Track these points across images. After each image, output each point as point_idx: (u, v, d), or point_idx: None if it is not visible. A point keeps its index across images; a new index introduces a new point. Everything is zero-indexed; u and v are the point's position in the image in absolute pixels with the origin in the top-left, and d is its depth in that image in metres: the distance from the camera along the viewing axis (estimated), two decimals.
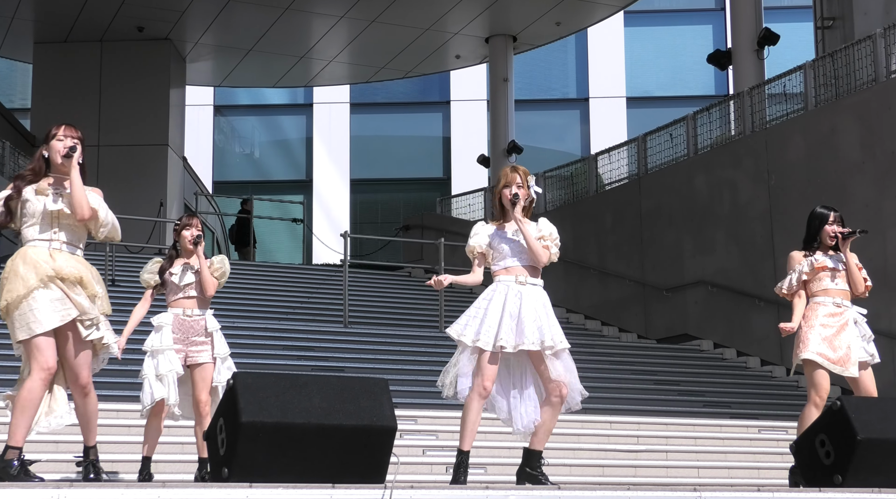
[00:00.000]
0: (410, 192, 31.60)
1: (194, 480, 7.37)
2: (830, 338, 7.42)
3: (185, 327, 7.44)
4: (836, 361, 7.38)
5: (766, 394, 14.10)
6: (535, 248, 6.42)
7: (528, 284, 6.43)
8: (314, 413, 5.53)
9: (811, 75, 15.48)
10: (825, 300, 7.54)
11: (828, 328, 7.44)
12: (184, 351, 7.41)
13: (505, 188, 6.51)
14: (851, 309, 7.58)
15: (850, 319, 7.52)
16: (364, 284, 18.89)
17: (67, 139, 6.05)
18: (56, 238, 5.90)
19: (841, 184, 14.60)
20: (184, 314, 7.46)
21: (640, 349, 16.18)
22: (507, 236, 6.51)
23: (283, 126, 32.77)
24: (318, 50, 25.29)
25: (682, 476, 9.89)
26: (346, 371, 12.23)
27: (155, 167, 23.98)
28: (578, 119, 31.71)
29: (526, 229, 6.42)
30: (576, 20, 24.41)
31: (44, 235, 5.89)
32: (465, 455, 6.34)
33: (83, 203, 5.88)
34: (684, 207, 17.24)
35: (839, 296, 7.56)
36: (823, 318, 7.47)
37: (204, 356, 7.44)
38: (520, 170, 6.59)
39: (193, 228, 7.60)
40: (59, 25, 23.66)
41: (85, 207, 5.87)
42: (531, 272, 6.48)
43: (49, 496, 4.67)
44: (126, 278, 15.84)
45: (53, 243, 5.88)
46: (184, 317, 7.46)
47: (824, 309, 7.51)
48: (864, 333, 7.56)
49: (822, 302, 7.55)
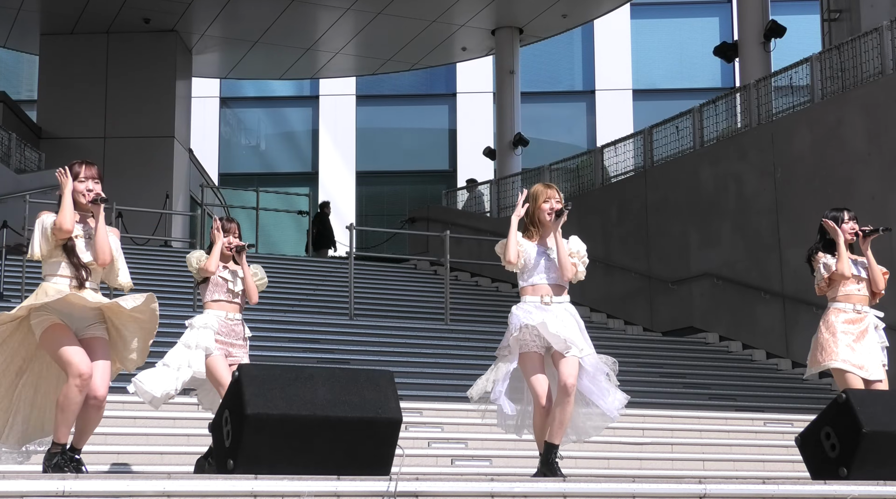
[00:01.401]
0: (416, 184, 31.59)
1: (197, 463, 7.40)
2: (852, 344, 7.40)
3: (228, 330, 7.65)
4: (861, 367, 7.36)
5: (771, 387, 14.09)
6: (564, 263, 6.55)
7: (554, 303, 6.55)
8: (319, 405, 5.54)
9: (818, 68, 15.44)
10: (846, 306, 7.51)
11: (848, 335, 7.41)
12: (225, 350, 7.59)
13: (545, 203, 6.63)
14: (871, 315, 7.55)
15: (871, 325, 7.50)
16: (370, 276, 18.89)
17: (89, 181, 6.21)
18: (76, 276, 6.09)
19: (847, 176, 14.58)
20: (226, 318, 7.68)
21: (645, 342, 16.18)
22: (538, 252, 6.61)
23: (289, 118, 32.77)
24: (324, 42, 25.28)
25: (687, 469, 9.89)
26: (352, 363, 12.23)
27: (161, 159, 23.99)
28: (584, 111, 31.67)
29: (562, 243, 6.57)
30: (582, 12, 24.38)
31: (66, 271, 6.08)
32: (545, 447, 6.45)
33: (105, 250, 6.15)
34: (690, 200, 17.22)
35: (860, 302, 7.53)
36: (843, 325, 7.44)
37: (242, 359, 7.65)
38: (553, 186, 6.75)
39: (231, 235, 7.74)
40: (65, 17, 23.66)
41: (107, 253, 6.15)
42: (556, 291, 6.59)
43: (55, 488, 4.68)
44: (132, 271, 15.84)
45: (73, 282, 6.06)
46: (227, 320, 7.66)
47: (844, 315, 7.48)
48: (881, 339, 7.54)
49: (843, 309, 7.51)
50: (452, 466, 9.11)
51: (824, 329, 7.47)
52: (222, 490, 4.96)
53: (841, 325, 7.43)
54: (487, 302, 17.76)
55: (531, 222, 6.71)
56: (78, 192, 6.17)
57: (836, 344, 7.37)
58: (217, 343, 7.54)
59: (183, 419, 8.92)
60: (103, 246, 6.12)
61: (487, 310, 17.01)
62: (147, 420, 9.20)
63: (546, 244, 6.65)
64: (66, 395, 5.87)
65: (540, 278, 6.57)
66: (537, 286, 6.57)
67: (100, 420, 6.15)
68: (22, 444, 6.22)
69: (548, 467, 6.36)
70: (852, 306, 7.50)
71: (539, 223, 6.67)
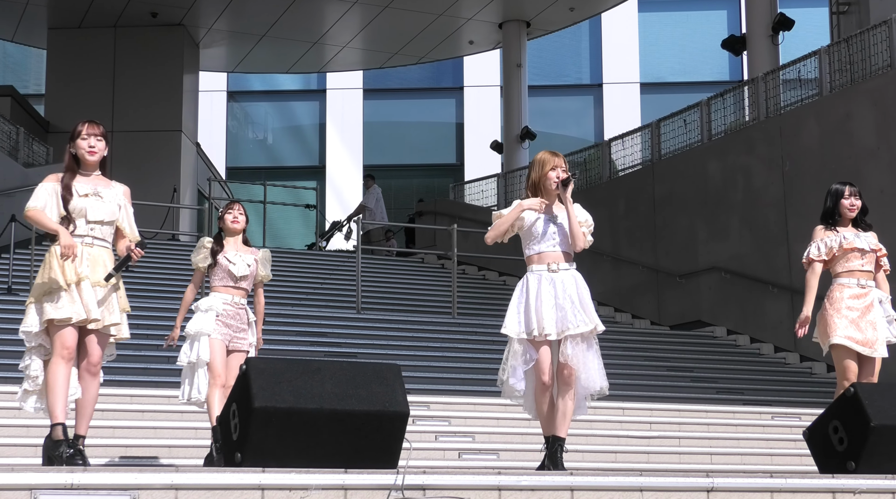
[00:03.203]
0: (423, 178, 31.58)
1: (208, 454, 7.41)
2: (857, 320, 7.39)
3: (232, 314, 7.65)
4: (864, 343, 7.35)
5: (779, 380, 14.08)
6: (576, 232, 6.48)
7: (561, 270, 6.47)
8: (327, 399, 5.54)
9: (826, 61, 15.40)
10: (850, 281, 7.50)
11: (853, 311, 7.40)
12: (229, 335, 7.60)
13: (552, 171, 6.54)
14: (875, 290, 7.53)
15: (875, 299, 7.49)
16: (377, 270, 18.90)
17: (91, 138, 6.31)
18: (90, 233, 6.26)
19: (856, 170, 14.54)
20: (232, 301, 7.68)
21: (653, 336, 16.17)
22: (545, 219, 6.53)
23: (296, 112, 32.77)
24: (331, 35, 25.26)
25: (694, 462, 9.88)
26: (359, 357, 12.25)
27: (168, 153, 24.02)
28: (592, 105, 31.62)
29: (573, 212, 6.49)
30: (590, 5, 24.34)
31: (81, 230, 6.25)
32: (547, 439, 6.44)
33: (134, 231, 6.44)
34: (698, 194, 17.20)
35: (864, 277, 7.52)
36: (849, 300, 7.43)
37: (244, 345, 7.67)
38: (559, 155, 6.66)
39: (235, 211, 7.80)
40: (72, 11, 23.69)
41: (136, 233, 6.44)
42: (565, 258, 6.52)
43: (63, 481, 4.69)
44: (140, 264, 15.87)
45: (86, 239, 6.24)
46: (231, 304, 7.65)
47: (849, 291, 7.47)
48: (888, 313, 7.53)
49: (847, 284, 7.50)
50: (460, 459, 9.11)
51: (829, 305, 7.48)
52: (230, 483, 4.96)
53: (847, 300, 7.43)
54: (495, 296, 17.76)
55: (536, 190, 6.63)
56: (81, 149, 6.29)
57: (840, 320, 7.37)
58: (221, 325, 7.55)
59: (190, 413, 8.93)
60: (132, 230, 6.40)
61: (495, 304, 17.00)
62: (155, 414, 9.22)
63: (551, 212, 6.56)
64: (52, 370, 6.07)
65: (546, 246, 6.49)
66: (543, 254, 6.49)
67: (97, 392, 6.20)
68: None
69: (552, 460, 6.34)
70: (856, 281, 7.49)
71: (544, 191, 6.59)
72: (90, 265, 6.19)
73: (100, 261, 6.24)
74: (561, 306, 6.36)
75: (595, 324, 6.42)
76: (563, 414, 6.38)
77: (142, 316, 12.69)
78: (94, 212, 6.24)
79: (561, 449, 6.36)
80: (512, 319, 6.44)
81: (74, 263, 6.12)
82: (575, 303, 6.39)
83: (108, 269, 6.24)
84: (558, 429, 6.37)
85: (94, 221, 6.24)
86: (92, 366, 6.19)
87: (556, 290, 6.40)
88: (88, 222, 6.23)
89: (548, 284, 6.41)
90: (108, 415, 9.02)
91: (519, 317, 6.42)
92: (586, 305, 6.43)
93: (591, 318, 6.40)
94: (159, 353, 11.04)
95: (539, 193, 6.61)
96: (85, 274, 6.14)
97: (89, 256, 6.20)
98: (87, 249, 6.21)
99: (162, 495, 4.83)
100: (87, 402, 6.21)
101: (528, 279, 6.49)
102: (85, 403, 6.21)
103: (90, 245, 6.22)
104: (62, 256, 6.10)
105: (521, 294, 6.47)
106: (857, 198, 7.68)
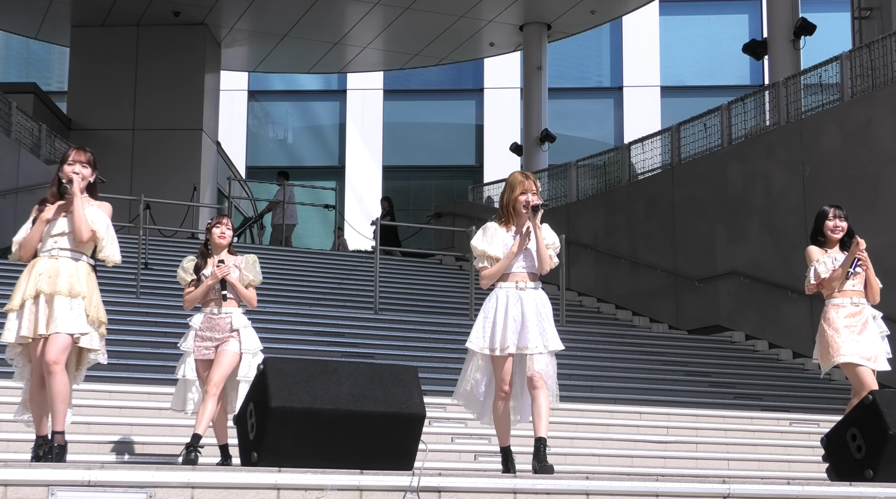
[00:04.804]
0: (442, 179, 31.58)
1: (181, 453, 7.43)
2: (856, 337, 7.50)
3: (212, 325, 7.67)
4: (868, 358, 7.47)
5: (797, 386, 14.02)
6: (543, 256, 6.65)
7: (528, 289, 6.64)
8: (343, 399, 5.55)
9: (847, 66, 15.34)
10: (843, 301, 7.64)
11: (852, 329, 7.52)
12: (209, 346, 7.64)
13: (522, 195, 6.68)
14: (868, 307, 7.69)
15: (869, 316, 7.65)
16: (395, 271, 18.91)
17: (77, 165, 6.47)
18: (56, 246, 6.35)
19: (876, 175, 14.48)
20: (211, 312, 7.70)
21: (670, 340, 16.12)
22: (513, 240, 6.68)
23: (316, 112, 32.82)
24: (352, 36, 25.31)
25: (711, 468, 9.85)
26: (376, 358, 12.25)
27: (189, 152, 24.09)
28: (612, 108, 31.57)
29: (542, 239, 6.66)
30: (611, 8, 24.31)
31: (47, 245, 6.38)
32: (505, 451, 6.70)
33: (81, 228, 6.31)
34: (717, 198, 17.15)
35: (856, 296, 7.66)
36: (845, 319, 7.58)
37: (231, 345, 7.58)
38: (531, 177, 6.81)
39: (223, 226, 7.81)
40: (96, 9, 23.79)
41: (83, 231, 6.31)
42: (531, 278, 6.69)
43: (80, 477, 4.72)
44: (159, 262, 15.95)
45: (52, 252, 6.33)
46: (211, 315, 7.70)
47: (844, 310, 7.62)
48: (881, 329, 7.70)
49: (841, 304, 7.64)
50: (475, 462, 9.11)
51: (826, 327, 7.63)
52: (246, 482, 4.98)
53: (843, 320, 7.55)
54: None
55: (506, 211, 6.74)
56: (65, 174, 6.42)
57: (842, 339, 7.47)
58: (199, 340, 7.63)
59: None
60: (78, 224, 6.29)
61: None
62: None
63: (520, 233, 6.69)
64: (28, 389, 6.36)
65: (515, 266, 6.65)
66: (512, 273, 6.65)
67: (63, 391, 6.16)
68: None
69: (540, 462, 6.34)
70: (850, 300, 7.61)
71: (514, 213, 6.71)
72: (50, 277, 6.23)
73: (63, 270, 6.26)
74: (525, 325, 6.54)
75: (553, 347, 6.57)
76: (539, 415, 6.50)
77: (158, 314, 12.75)
78: (56, 226, 6.34)
79: (544, 447, 6.39)
80: (477, 335, 6.64)
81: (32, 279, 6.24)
82: (542, 322, 6.57)
83: (72, 277, 6.27)
84: (538, 430, 6.47)
85: (57, 234, 6.32)
86: (47, 364, 6.15)
87: (524, 308, 6.58)
88: (52, 236, 6.33)
89: (515, 301, 6.59)
90: (124, 412, 9.06)
91: (484, 332, 6.62)
92: (548, 325, 6.60)
93: (552, 340, 6.56)
94: (176, 350, 11.05)
95: (510, 213, 6.73)
96: (42, 288, 6.20)
97: (48, 268, 6.25)
98: (50, 262, 6.27)
99: (178, 493, 4.84)
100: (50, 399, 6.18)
101: (497, 296, 6.67)
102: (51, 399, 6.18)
103: (55, 257, 6.29)
104: (54, 185, 6.37)
105: (488, 310, 6.66)
106: (841, 220, 7.79)
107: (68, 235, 6.33)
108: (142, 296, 13.55)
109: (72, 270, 6.29)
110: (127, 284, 14.13)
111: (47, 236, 6.34)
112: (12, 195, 16.97)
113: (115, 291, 13.43)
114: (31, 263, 6.34)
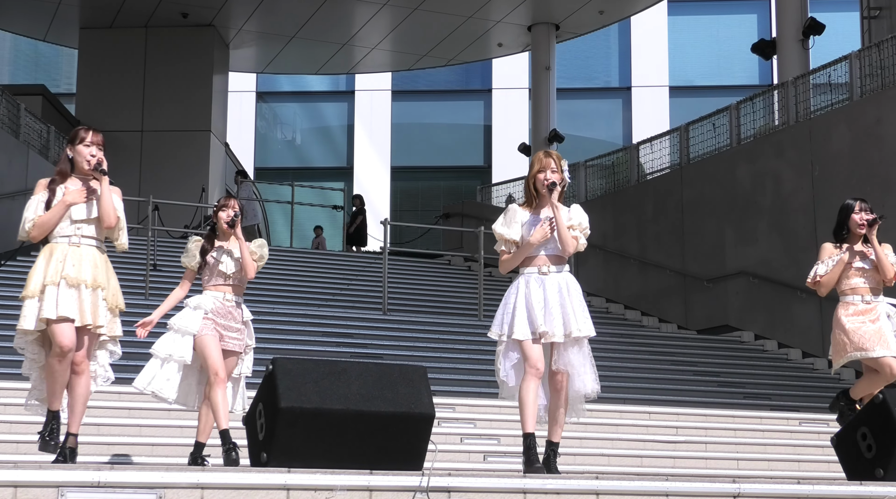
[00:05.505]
0: (451, 180, 31.59)
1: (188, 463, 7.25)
2: (865, 330, 7.38)
3: (224, 312, 7.36)
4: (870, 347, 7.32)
5: (807, 386, 13.99)
6: (564, 237, 6.29)
7: (552, 273, 6.32)
8: (353, 399, 5.55)
9: (857, 65, 15.31)
10: (854, 298, 7.52)
11: (863, 325, 7.40)
12: (220, 333, 7.28)
13: (539, 173, 6.39)
14: (882, 303, 7.54)
15: (882, 313, 7.50)
16: (404, 271, 18.92)
17: (93, 147, 6.31)
18: (78, 233, 6.18)
19: (885, 175, 14.44)
20: (224, 299, 7.43)
21: (680, 340, 16.10)
22: (535, 221, 6.38)
23: (324, 113, 32.85)
24: (360, 37, 25.32)
25: (721, 468, 9.84)
26: (385, 358, 12.26)
27: (197, 153, 24.12)
28: (621, 108, 31.56)
29: (560, 217, 6.31)
30: (619, 8, 24.28)
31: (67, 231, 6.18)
32: (530, 437, 6.21)
33: (110, 214, 6.20)
34: (726, 198, 17.13)
35: (868, 293, 7.52)
36: (853, 317, 7.45)
37: (237, 346, 7.31)
38: (553, 154, 6.46)
39: (230, 209, 7.56)
40: (104, 11, 23.84)
41: (111, 216, 6.20)
42: (555, 261, 6.35)
43: (90, 478, 4.72)
44: (168, 263, 15.96)
45: (73, 238, 6.16)
46: (224, 301, 7.43)
47: (854, 308, 7.49)
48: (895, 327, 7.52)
49: (852, 301, 7.52)
50: (485, 462, 9.10)
51: (836, 327, 7.53)
52: (255, 483, 4.98)
53: (850, 318, 7.44)
54: None
55: (527, 191, 6.48)
56: (81, 155, 6.27)
57: (849, 337, 7.40)
58: (210, 322, 7.21)
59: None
60: (108, 209, 6.17)
61: None
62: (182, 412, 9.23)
63: (541, 213, 6.41)
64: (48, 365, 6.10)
65: (537, 249, 6.33)
66: (534, 257, 6.34)
67: (85, 390, 6.14)
68: None
69: (546, 465, 6.26)
70: (860, 298, 7.50)
71: (535, 193, 6.43)
72: (75, 265, 6.09)
73: (87, 260, 6.13)
74: (549, 311, 6.23)
75: (582, 332, 6.23)
76: (555, 420, 6.32)
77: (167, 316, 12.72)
78: (78, 211, 6.17)
79: (554, 454, 6.31)
80: (496, 322, 6.36)
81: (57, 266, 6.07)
82: (566, 307, 6.25)
83: (96, 269, 6.15)
84: (552, 434, 6.33)
85: (80, 220, 6.17)
86: (76, 363, 6.10)
87: (546, 292, 6.27)
88: (73, 222, 6.16)
89: (537, 286, 6.29)
90: (134, 413, 9.07)
91: (502, 319, 6.32)
92: (577, 309, 6.27)
93: (579, 325, 6.23)
94: None
95: (531, 193, 6.48)
96: (69, 274, 6.05)
97: (73, 256, 6.11)
98: (72, 249, 6.13)
99: (188, 494, 4.85)
100: (73, 400, 6.15)
101: (518, 283, 6.37)
102: (71, 399, 6.16)
103: (76, 245, 6.14)
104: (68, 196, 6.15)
105: (509, 296, 6.36)
106: (868, 213, 7.61)
107: (93, 221, 6.17)
108: (151, 297, 13.56)
109: (97, 260, 6.17)
110: (136, 286, 14.15)
111: (67, 221, 6.15)
112: (21, 197, 17.02)
113: (124, 292, 13.32)
114: (48, 250, 6.15)
